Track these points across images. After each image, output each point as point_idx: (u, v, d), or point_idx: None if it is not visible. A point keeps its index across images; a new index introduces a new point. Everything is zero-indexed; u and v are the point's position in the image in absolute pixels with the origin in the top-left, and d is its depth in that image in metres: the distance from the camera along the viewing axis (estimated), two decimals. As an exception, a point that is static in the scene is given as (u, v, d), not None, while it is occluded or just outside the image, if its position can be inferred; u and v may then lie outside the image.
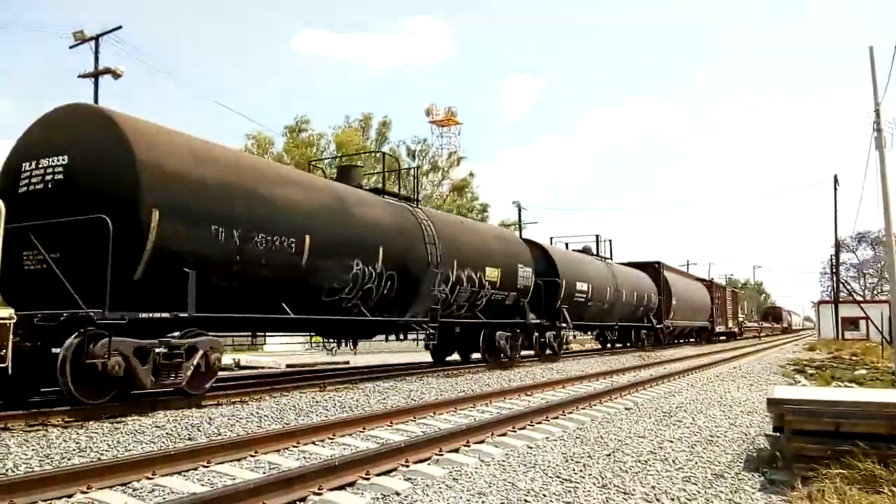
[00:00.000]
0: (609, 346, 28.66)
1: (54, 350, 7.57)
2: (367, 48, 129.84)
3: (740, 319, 54.54)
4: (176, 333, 8.35)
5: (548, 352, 19.07)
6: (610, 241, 27.65)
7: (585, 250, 25.20)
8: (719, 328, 42.78)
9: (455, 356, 18.17)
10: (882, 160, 18.91)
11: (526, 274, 16.77)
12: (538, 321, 17.63)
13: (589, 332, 28.37)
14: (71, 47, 23.59)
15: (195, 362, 8.54)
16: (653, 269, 30.78)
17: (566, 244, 25.28)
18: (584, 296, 20.97)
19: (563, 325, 19.42)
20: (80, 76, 23.34)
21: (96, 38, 23.43)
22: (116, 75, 23.06)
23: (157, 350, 8.04)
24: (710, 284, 43.55)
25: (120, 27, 24.19)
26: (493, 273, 15.20)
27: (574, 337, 27.55)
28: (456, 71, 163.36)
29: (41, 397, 8.38)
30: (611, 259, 26.79)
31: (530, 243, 19.25)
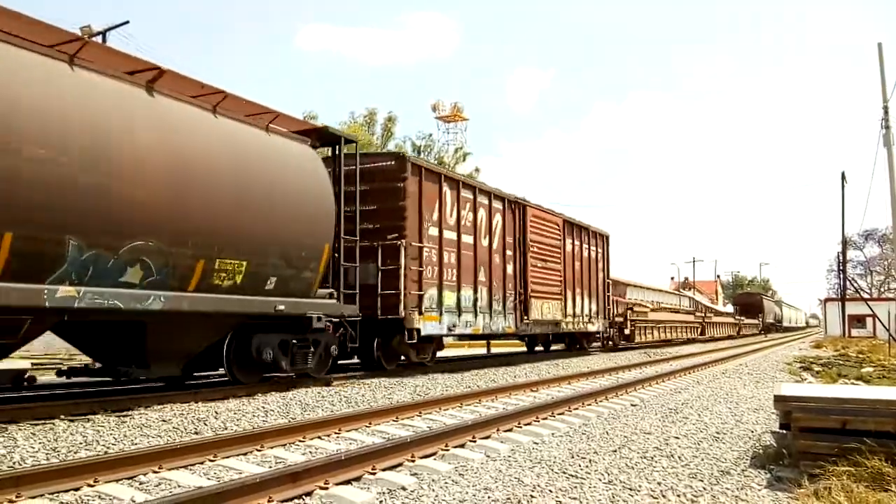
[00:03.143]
0: None
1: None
2: (372, 43, 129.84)
3: (634, 304, 26.97)
4: None
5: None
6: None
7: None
8: (425, 325, 12.94)
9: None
10: (890, 157, 18.84)
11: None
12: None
13: None
14: (78, 42, 23.60)
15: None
16: None
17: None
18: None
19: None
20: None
21: (103, 34, 23.44)
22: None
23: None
24: (398, 162, 12.76)
25: (127, 22, 24.19)
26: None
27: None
28: (461, 65, 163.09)
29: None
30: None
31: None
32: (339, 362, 12.50)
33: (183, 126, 8.43)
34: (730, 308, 57.15)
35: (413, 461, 5.35)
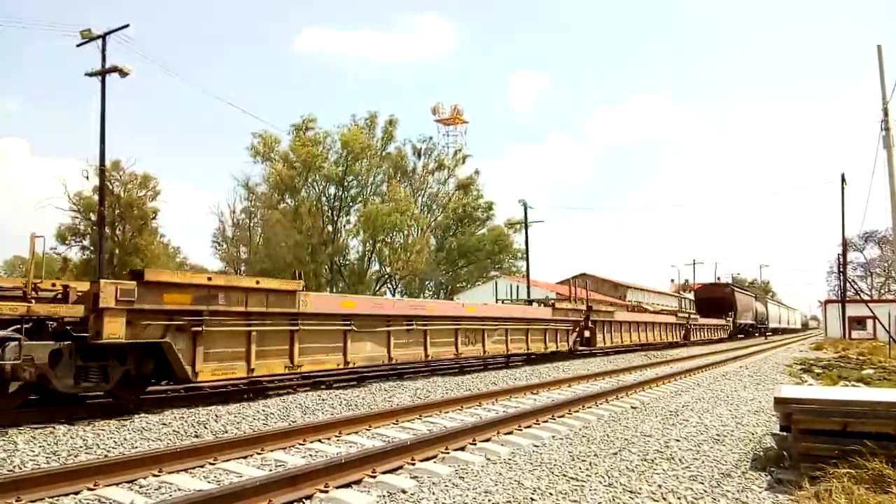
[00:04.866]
0: None
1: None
2: (371, 46, 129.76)
3: None
4: None
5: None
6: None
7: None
8: None
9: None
10: (890, 159, 18.85)
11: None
12: None
13: None
14: (78, 45, 23.66)
15: None
16: None
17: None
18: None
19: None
20: (87, 74, 23.40)
21: (103, 37, 23.49)
22: (124, 73, 23.11)
23: None
24: None
25: (127, 26, 24.17)
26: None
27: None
28: (462, 68, 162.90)
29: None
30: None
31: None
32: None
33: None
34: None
35: (413, 464, 5.35)
